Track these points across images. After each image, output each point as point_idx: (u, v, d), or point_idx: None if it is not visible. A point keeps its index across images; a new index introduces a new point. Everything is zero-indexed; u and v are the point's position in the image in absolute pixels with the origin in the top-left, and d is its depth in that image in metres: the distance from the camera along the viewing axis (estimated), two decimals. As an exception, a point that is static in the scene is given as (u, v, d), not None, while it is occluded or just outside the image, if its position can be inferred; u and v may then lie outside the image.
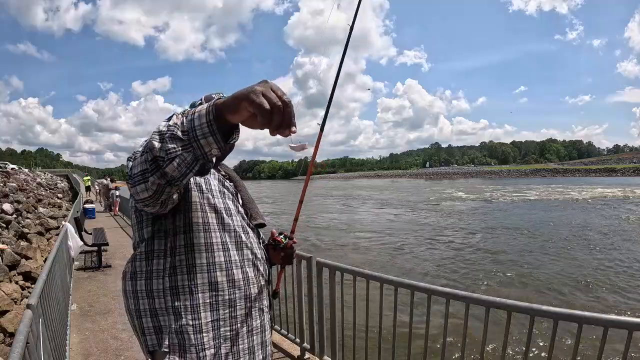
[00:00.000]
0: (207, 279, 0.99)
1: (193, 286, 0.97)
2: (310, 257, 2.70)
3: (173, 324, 0.95)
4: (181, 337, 0.94)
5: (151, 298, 0.97)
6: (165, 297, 0.96)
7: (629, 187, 37.39)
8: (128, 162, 0.89)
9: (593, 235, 11.42)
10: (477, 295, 1.81)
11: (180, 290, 0.97)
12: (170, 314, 0.96)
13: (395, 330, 2.16)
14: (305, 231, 12.68)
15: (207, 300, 0.98)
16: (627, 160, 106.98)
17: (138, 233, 1.02)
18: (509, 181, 70.62)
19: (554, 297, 6.09)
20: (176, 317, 0.95)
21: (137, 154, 0.83)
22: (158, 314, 0.96)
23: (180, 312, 0.95)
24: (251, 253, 1.09)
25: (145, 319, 0.97)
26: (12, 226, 8.02)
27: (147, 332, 0.96)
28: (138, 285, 0.98)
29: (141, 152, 0.78)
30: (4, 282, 5.07)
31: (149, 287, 0.97)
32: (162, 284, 0.96)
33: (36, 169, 52.08)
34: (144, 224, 1.00)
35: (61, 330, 2.62)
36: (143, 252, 0.99)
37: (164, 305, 0.96)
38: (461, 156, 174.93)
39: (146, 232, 1.00)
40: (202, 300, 0.97)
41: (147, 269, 0.98)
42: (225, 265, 1.02)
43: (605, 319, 1.41)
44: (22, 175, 22.92)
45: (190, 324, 0.95)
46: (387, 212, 20.12)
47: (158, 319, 0.96)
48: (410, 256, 9.21)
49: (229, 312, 1.01)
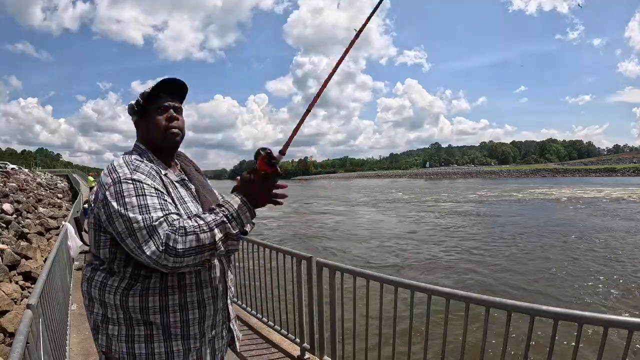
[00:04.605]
0: (177, 300, 1.02)
1: (163, 307, 1.01)
2: (310, 257, 2.70)
3: (123, 335, 0.99)
4: (130, 346, 0.99)
5: (105, 308, 1.01)
6: (119, 311, 1.00)
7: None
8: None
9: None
10: (477, 295, 1.81)
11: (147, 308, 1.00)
12: (122, 325, 1.00)
13: (395, 330, 2.16)
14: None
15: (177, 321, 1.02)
16: (627, 160, 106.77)
17: (98, 250, 1.03)
18: (515, 181, 70.51)
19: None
20: (128, 328, 0.99)
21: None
22: (108, 323, 1.00)
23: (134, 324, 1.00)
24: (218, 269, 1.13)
25: (102, 325, 1.02)
26: (12, 226, 8.02)
27: (100, 332, 1.02)
28: (96, 293, 1.02)
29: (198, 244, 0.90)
30: (4, 282, 5.07)
31: (104, 298, 1.01)
32: (116, 300, 0.99)
33: (36, 169, 52.10)
34: (101, 244, 1.02)
35: (61, 330, 2.62)
36: (104, 269, 1.02)
37: (116, 316, 1.00)
38: (461, 156, 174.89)
39: (103, 254, 1.01)
40: (159, 320, 1.01)
41: (106, 282, 1.01)
42: (195, 290, 1.06)
43: (605, 319, 1.41)
44: (22, 175, 22.92)
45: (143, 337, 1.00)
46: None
47: (108, 327, 1.01)
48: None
49: (198, 333, 1.06)
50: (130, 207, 0.91)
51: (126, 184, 0.95)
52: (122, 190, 0.94)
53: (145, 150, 1.11)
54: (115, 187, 0.95)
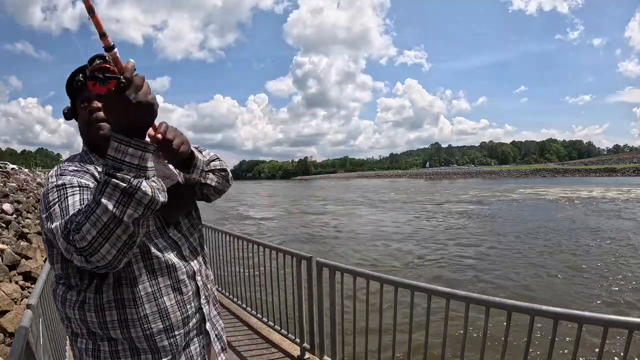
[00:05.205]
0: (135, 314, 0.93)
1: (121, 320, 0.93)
2: (310, 257, 2.70)
3: (90, 350, 0.93)
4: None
5: (70, 322, 0.95)
6: (81, 325, 0.93)
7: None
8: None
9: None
10: (477, 295, 1.81)
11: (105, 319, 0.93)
12: (88, 339, 0.93)
13: (395, 330, 2.16)
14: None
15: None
16: (627, 160, 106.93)
17: (53, 266, 0.95)
18: (516, 181, 70.60)
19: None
20: (93, 343, 0.93)
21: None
22: (77, 337, 0.95)
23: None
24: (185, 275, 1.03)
25: (73, 337, 0.97)
26: (12, 226, 8.03)
27: (74, 346, 0.97)
28: (61, 308, 0.95)
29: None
30: (4, 282, 5.07)
31: (67, 313, 0.94)
32: (76, 315, 0.93)
33: (36, 169, 52.12)
34: (54, 259, 0.93)
35: (61, 330, 2.61)
36: (63, 283, 0.95)
37: (80, 331, 0.94)
38: (461, 156, 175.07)
39: (57, 268, 0.93)
40: (121, 335, 0.93)
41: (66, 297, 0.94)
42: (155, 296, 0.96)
43: (605, 319, 1.42)
44: (22, 175, 22.93)
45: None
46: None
47: (77, 340, 0.95)
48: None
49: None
50: (52, 211, 0.83)
51: (52, 191, 0.87)
52: (49, 198, 0.86)
53: (87, 152, 1.03)
54: (46, 198, 0.87)
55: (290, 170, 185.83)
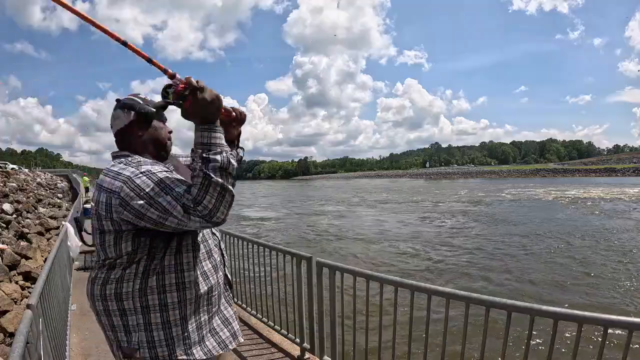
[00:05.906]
0: (192, 277, 1.11)
1: (175, 290, 1.08)
2: (310, 257, 2.70)
3: (142, 325, 1.06)
4: (150, 335, 1.05)
5: (121, 300, 1.06)
6: (136, 299, 1.06)
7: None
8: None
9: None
10: (477, 295, 1.81)
11: (159, 290, 1.07)
12: (138, 314, 1.06)
13: (395, 330, 2.16)
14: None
15: (190, 298, 1.11)
16: (627, 160, 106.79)
17: (113, 251, 1.06)
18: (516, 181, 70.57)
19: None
20: (145, 316, 1.06)
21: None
22: (127, 314, 1.06)
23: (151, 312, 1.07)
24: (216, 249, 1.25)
25: (115, 318, 1.07)
26: (12, 226, 8.03)
27: (119, 331, 1.07)
28: (114, 289, 1.07)
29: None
30: (4, 282, 5.07)
31: (122, 290, 1.06)
32: (131, 287, 1.06)
33: (36, 169, 52.05)
34: (124, 239, 1.05)
35: (61, 330, 2.61)
36: (120, 263, 1.07)
37: (133, 306, 1.06)
38: (461, 156, 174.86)
39: (118, 251, 1.06)
40: (177, 298, 1.08)
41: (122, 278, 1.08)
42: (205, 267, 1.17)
43: (605, 319, 1.41)
44: (22, 175, 22.91)
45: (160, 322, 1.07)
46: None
47: (127, 318, 1.06)
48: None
49: (206, 307, 1.16)
50: (154, 194, 0.98)
51: (139, 178, 1.01)
52: (140, 185, 1.00)
53: (141, 156, 1.17)
54: (130, 185, 1.00)
55: (290, 170, 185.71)
